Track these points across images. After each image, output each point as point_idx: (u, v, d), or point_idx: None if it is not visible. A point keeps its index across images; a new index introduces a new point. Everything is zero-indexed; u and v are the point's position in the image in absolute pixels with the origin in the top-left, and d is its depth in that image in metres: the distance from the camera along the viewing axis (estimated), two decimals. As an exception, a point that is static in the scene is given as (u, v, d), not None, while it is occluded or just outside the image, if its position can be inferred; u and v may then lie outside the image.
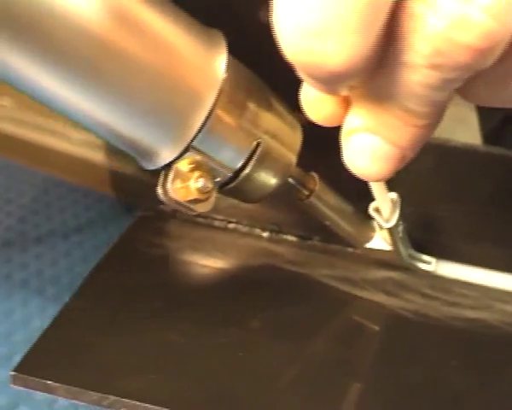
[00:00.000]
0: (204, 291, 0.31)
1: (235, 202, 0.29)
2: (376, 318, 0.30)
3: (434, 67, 0.20)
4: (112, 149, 0.45)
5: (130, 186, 0.49)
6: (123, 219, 0.49)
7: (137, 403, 0.25)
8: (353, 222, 0.31)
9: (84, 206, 0.57)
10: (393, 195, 0.30)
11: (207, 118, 0.25)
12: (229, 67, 0.25)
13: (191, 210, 0.26)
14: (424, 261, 0.33)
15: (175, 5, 0.25)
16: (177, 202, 0.25)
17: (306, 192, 0.30)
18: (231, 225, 0.35)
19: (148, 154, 0.26)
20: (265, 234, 0.35)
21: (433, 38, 0.20)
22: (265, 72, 0.28)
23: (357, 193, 0.29)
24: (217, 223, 0.35)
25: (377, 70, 0.21)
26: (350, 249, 0.34)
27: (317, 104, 0.24)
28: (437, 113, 0.22)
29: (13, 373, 0.26)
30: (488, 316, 0.30)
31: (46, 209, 0.58)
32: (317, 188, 0.30)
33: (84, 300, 0.30)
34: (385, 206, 0.30)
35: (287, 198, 0.30)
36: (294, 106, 0.26)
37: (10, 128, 0.83)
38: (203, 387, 0.26)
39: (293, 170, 0.28)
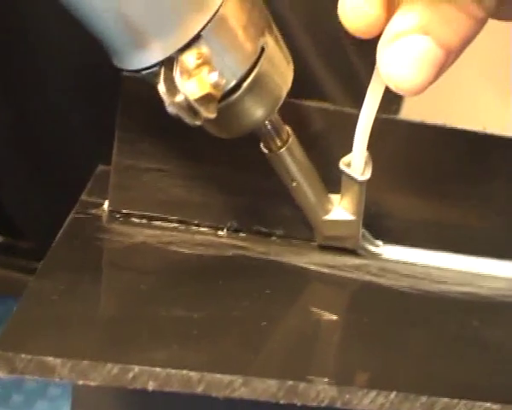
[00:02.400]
0: (186, 274, 0.27)
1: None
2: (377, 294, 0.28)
3: None
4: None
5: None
6: None
7: (173, 371, 0.20)
8: (317, 188, 0.30)
9: None
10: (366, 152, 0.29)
11: (222, 4, 0.23)
12: None
13: (196, 115, 0.23)
14: (374, 244, 0.32)
15: None
16: (184, 101, 0.23)
17: (279, 143, 0.28)
18: (182, 226, 0.31)
19: (151, 41, 0.23)
20: (222, 232, 0.32)
21: None
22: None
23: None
24: (163, 223, 0.31)
25: None
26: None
27: (359, 8, 0.23)
28: (493, 8, 0.22)
29: (-6, 353, 0.19)
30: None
31: None
32: (290, 140, 0.28)
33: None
34: (361, 155, 0.28)
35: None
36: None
37: None
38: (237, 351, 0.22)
39: (274, 114, 0.27)
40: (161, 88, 0.23)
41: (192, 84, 0.23)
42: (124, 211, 0.31)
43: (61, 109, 0.51)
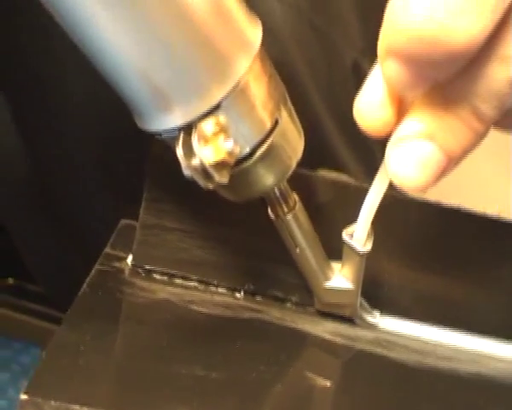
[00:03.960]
0: (205, 334, 0.28)
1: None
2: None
3: None
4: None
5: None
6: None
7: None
8: (319, 255, 0.31)
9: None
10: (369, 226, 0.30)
11: (243, 77, 0.25)
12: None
13: (210, 178, 0.24)
14: (370, 313, 0.33)
15: None
16: (199, 165, 0.24)
17: (286, 209, 0.30)
18: (202, 286, 0.33)
19: (173, 106, 0.24)
20: (239, 295, 0.33)
21: None
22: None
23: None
24: (184, 282, 0.32)
25: (466, 68, 0.22)
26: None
27: (372, 111, 0.25)
28: (491, 123, 0.24)
29: (23, 397, 0.20)
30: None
31: None
32: (296, 207, 0.30)
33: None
34: (364, 229, 0.29)
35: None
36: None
37: None
38: None
39: (283, 182, 0.29)
40: (179, 151, 0.24)
41: (208, 151, 0.24)
42: (146, 267, 0.32)
43: (79, 161, 0.53)
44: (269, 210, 0.30)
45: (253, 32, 0.25)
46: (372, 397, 0.27)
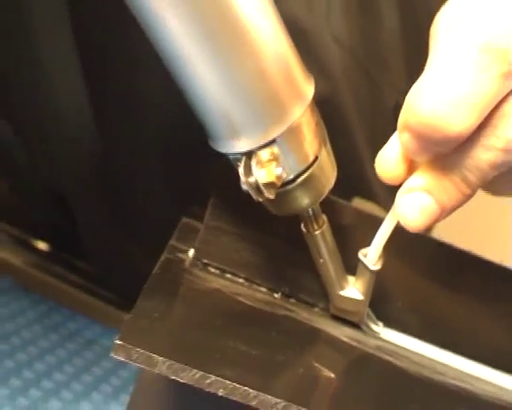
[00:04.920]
0: (248, 320, 0.35)
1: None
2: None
3: (506, 151, 0.30)
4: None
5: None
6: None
7: (237, 386, 0.27)
8: (338, 268, 0.38)
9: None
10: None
11: (296, 121, 0.32)
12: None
13: (261, 194, 0.31)
14: (375, 323, 0.39)
15: None
16: (254, 183, 0.31)
17: (316, 226, 0.36)
18: (247, 283, 0.40)
19: (241, 135, 0.31)
20: (277, 295, 0.40)
21: None
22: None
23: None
24: (233, 277, 0.40)
25: (459, 146, 0.30)
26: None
27: (389, 167, 0.33)
28: (477, 189, 0.31)
29: (118, 342, 0.27)
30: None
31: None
32: (324, 226, 0.36)
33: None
34: (377, 252, 0.36)
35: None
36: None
37: None
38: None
39: (316, 204, 0.35)
40: (240, 170, 0.31)
41: (262, 173, 0.31)
42: (204, 260, 0.39)
43: (146, 160, 0.60)
44: (302, 225, 0.37)
45: (308, 88, 0.33)
46: (370, 392, 0.33)
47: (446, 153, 0.31)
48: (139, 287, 0.33)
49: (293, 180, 0.33)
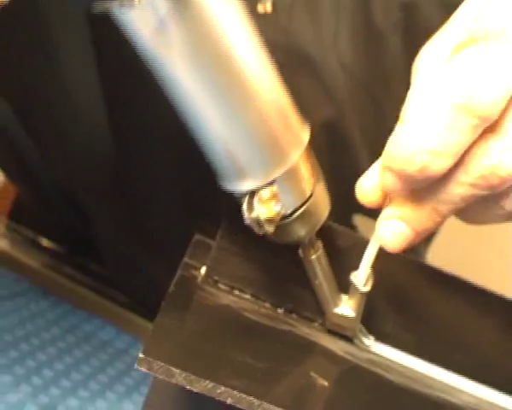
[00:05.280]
0: (254, 335, 0.39)
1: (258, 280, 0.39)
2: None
3: (475, 186, 0.34)
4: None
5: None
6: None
7: (243, 395, 0.32)
8: (332, 288, 0.42)
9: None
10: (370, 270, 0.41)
11: (293, 164, 0.36)
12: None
13: (262, 227, 0.36)
14: (367, 337, 0.44)
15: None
16: (256, 218, 0.36)
17: (312, 252, 0.41)
18: (253, 299, 0.44)
19: (246, 175, 0.36)
20: (280, 310, 0.44)
21: (485, 169, 0.33)
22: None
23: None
24: (241, 293, 0.44)
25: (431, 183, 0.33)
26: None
27: (369, 194, 0.37)
28: (447, 217, 0.35)
29: (141, 356, 0.32)
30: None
31: None
32: (319, 252, 0.41)
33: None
34: (365, 273, 0.41)
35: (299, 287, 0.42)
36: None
37: None
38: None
39: (312, 234, 0.40)
40: (244, 206, 0.36)
41: (263, 209, 0.35)
42: (215, 278, 0.44)
43: (162, 176, 0.64)
44: (299, 251, 0.41)
45: (304, 133, 0.37)
46: (361, 401, 0.38)
47: (421, 188, 0.35)
48: (148, 289, 0.37)
49: (291, 214, 0.37)
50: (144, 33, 0.31)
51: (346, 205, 0.47)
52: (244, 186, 0.36)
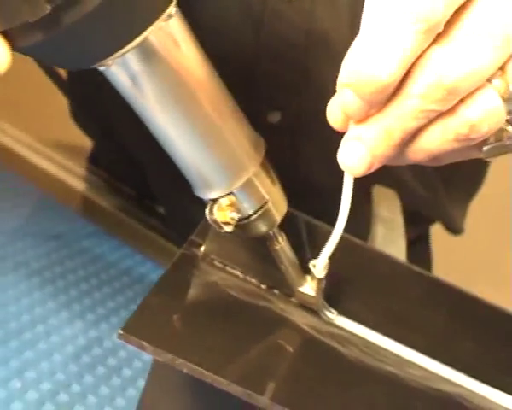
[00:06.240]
0: (233, 309, 0.49)
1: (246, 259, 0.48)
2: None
3: (423, 97, 0.34)
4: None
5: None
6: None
7: (196, 367, 0.41)
8: (296, 271, 0.50)
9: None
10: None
11: (249, 178, 0.45)
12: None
13: (220, 228, 0.45)
14: (329, 311, 0.52)
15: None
16: (215, 221, 0.45)
17: (276, 243, 0.49)
18: (241, 275, 0.53)
19: (209, 188, 0.45)
20: (263, 286, 0.53)
21: (430, 78, 0.34)
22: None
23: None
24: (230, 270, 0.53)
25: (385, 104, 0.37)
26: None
27: (335, 116, 0.39)
28: (400, 140, 0.37)
29: (120, 332, 0.42)
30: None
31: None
32: (283, 243, 0.49)
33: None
34: (323, 262, 0.48)
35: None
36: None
37: (9, 143, 0.99)
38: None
39: (274, 229, 0.48)
40: (206, 211, 0.45)
41: (220, 214, 0.45)
42: (211, 256, 0.53)
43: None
44: (267, 243, 0.49)
45: (258, 151, 0.45)
46: (312, 373, 0.46)
47: (377, 108, 0.36)
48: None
49: (249, 217, 0.46)
50: (121, 84, 0.39)
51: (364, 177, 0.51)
52: (207, 195, 0.45)
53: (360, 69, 0.35)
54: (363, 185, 0.45)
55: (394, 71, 0.34)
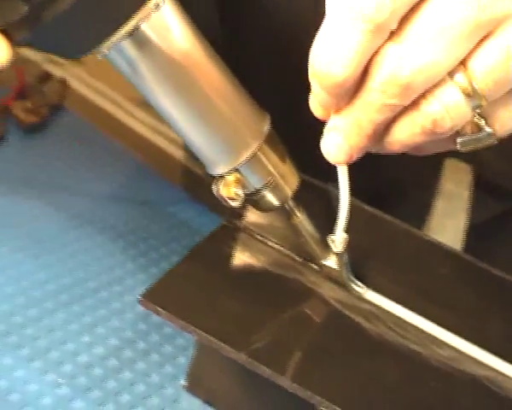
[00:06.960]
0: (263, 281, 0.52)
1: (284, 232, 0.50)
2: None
3: (382, 91, 0.35)
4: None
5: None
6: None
7: (205, 335, 0.44)
8: (318, 243, 0.51)
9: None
10: (345, 235, 0.49)
11: (253, 153, 0.46)
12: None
13: (226, 203, 0.47)
14: (358, 286, 0.52)
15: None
16: (221, 196, 0.46)
17: (294, 217, 0.50)
18: (280, 247, 0.55)
19: (214, 165, 0.47)
20: (299, 259, 0.55)
21: (385, 75, 0.35)
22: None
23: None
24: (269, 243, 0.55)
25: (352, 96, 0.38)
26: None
27: (316, 107, 0.41)
28: (371, 132, 0.38)
29: (139, 298, 0.46)
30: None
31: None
32: (301, 216, 0.50)
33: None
34: (340, 238, 0.49)
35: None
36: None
37: (85, 91, 1.02)
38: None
39: (289, 200, 0.49)
40: (214, 187, 0.47)
41: (225, 190, 0.46)
42: (251, 228, 0.55)
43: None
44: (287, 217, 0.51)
45: (263, 126, 0.46)
46: (332, 346, 0.48)
47: (346, 100, 0.38)
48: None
49: (259, 191, 0.48)
50: (122, 70, 0.42)
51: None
52: (215, 171, 0.47)
53: (317, 65, 0.36)
54: (433, 158, 0.45)
55: (347, 68, 0.35)
